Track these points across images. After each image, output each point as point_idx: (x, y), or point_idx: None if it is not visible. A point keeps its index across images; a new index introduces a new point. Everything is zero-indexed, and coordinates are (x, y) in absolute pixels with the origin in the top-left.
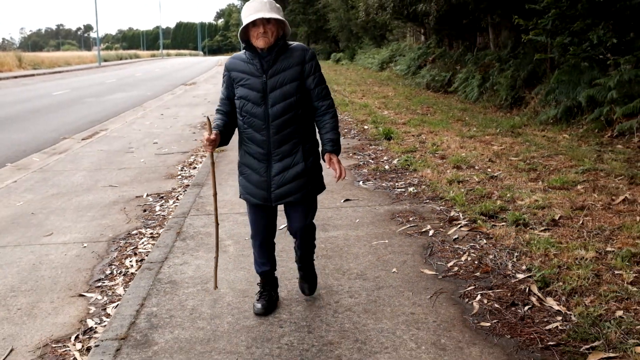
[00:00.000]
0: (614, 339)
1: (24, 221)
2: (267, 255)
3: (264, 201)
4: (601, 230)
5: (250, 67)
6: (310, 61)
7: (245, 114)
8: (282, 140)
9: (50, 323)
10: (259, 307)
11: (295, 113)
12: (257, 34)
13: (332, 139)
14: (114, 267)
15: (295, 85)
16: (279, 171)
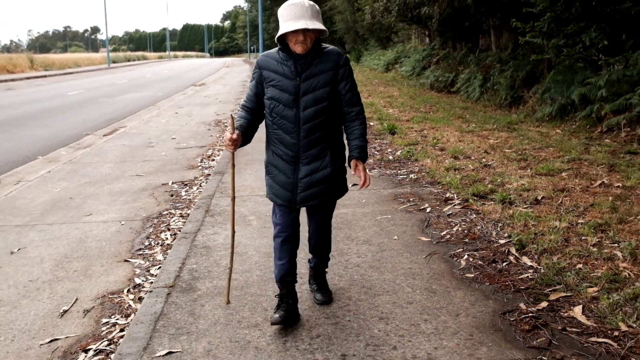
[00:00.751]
0: (571, 284)
1: (64, 204)
2: (288, 254)
3: (289, 203)
4: (576, 207)
5: (284, 69)
6: (344, 66)
7: (276, 115)
8: (311, 144)
9: (104, 281)
10: (277, 317)
11: (326, 117)
12: (296, 40)
13: (360, 145)
14: (151, 239)
15: (327, 90)
16: (307, 174)
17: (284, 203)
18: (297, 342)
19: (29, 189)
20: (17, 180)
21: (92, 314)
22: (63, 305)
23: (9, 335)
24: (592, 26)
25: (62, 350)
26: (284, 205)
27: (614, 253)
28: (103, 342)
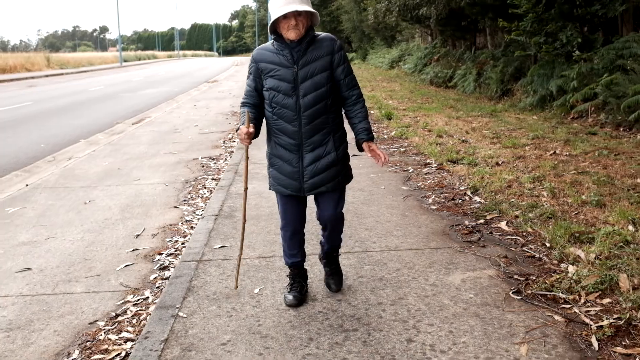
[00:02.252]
0: (504, 209)
1: (115, 173)
2: (298, 245)
3: (297, 192)
4: (526, 167)
5: (280, 58)
6: (340, 51)
7: (276, 105)
8: (314, 131)
9: (162, 219)
10: (291, 299)
11: (325, 103)
12: (288, 26)
13: (366, 127)
14: (192, 194)
15: (325, 75)
16: (311, 161)
17: (292, 193)
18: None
19: (81, 163)
20: (69, 157)
21: (158, 236)
22: (135, 232)
23: (102, 247)
24: (568, 25)
25: (143, 255)
26: (291, 195)
27: (541, 193)
28: (170, 250)
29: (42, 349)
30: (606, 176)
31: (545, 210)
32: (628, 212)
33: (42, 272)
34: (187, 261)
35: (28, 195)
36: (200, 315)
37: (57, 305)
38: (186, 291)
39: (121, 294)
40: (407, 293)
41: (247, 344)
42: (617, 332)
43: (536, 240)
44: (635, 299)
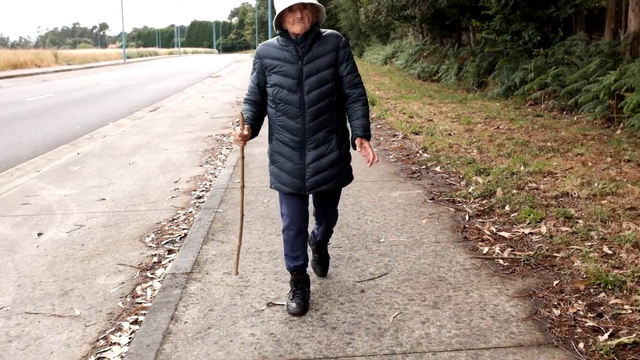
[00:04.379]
0: (442, 161)
1: (145, 146)
2: (302, 246)
3: (298, 190)
4: (472, 137)
5: (285, 54)
6: (344, 48)
7: (280, 101)
8: (317, 128)
9: (191, 173)
10: (294, 307)
11: (330, 100)
12: (294, 19)
13: (364, 124)
14: (212, 158)
15: (330, 72)
16: (314, 159)
17: (292, 191)
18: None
19: (116, 139)
20: (103, 135)
21: (191, 182)
22: (173, 179)
23: (152, 188)
24: (530, 25)
25: (182, 191)
26: (292, 193)
27: (471, 150)
28: (202, 189)
29: (130, 234)
30: (526, 141)
31: (468, 159)
32: (524, 158)
33: (114, 201)
34: (218, 188)
35: (82, 160)
36: (230, 211)
37: (131, 216)
38: (220, 201)
39: (173, 210)
40: (362, 200)
41: (261, 222)
42: (481, 213)
43: (456, 175)
44: (501, 198)
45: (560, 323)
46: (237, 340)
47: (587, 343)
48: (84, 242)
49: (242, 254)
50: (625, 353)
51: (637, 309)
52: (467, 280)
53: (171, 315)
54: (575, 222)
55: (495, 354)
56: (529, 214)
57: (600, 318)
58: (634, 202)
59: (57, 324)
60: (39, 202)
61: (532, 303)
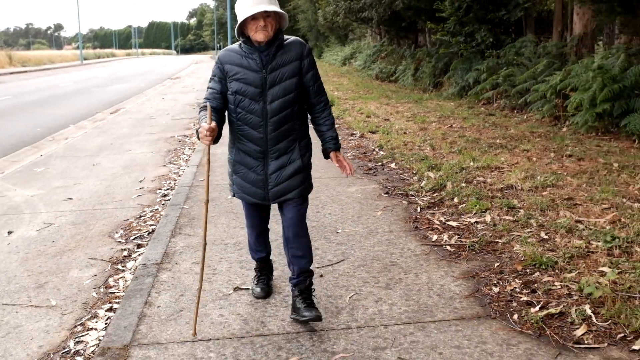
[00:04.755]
0: (397, 158)
1: (109, 146)
2: (263, 243)
3: (262, 200)
4: (425, 135)
5: (248, 62)
6: (309, 56)
7: (242, 110)
8: (280, 138)
9: (155, 172)
10: (259, 291)
11: (292, 109)
12: (257, 27)
13: (334, 136)
14: (175, 158)
15: (295, 81)
16: (276, 169)
17: (257, 201)
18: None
19: (78, 141)
20: (65, 137)
21: (156, 181)
22: (138, 179)
23: (117, 187)
24: (482, 27)
25: (148, 190)
26: (257, 203)
27: (425, 147)
28: (166, 188)
29: (99, 230)
30: (477, 138)
31: (422, 156)
32: (474, 154)
33: (80, 200)
34: (183, 186)
35: (45, 161)
36: (196, 208)
37: (99, 214)
38: (185, 198)
39: (140, 208)
40: (320, 195)
41: (225, 217)
42: (432, 205)
43: (410, 171)
44: (450, 191)
45: (498, 299)
46: (207, 320)
47: (520, 314)
48: (54, 239)
49: (209, 246)
50: (551, 321)
51: (565, 284)
52: (416, 265)
53: (145, 300)
54: (517, 211)
55: (440, 326)
56: (476, 205)
57: (534, 294)
58: (571, 193)
59: (34, 314)
60: (5, 202)
61: (475, 283)
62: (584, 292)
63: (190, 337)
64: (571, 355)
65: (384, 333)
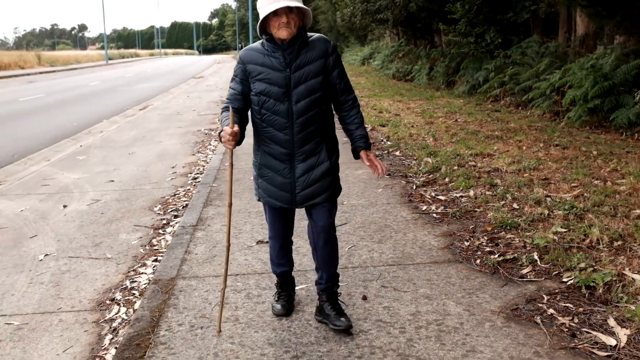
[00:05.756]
0: (402, 147)
1: (142, 139)
2: (287, 255)
3: (289, 204)
4: (431, 129)
5: (271, 61)
6: (334, 54)
7: (266, 111)
8: (306, 139)
9: (186, 160)
10: (279, 308)
11: (319, 109)
12: (279, 24)
13: (364, 134)
14: (202, 148)
15: (320, 80)
16: (304, 172)
17: (283, 205)
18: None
19: (113, 134)
20: (100, 130)
21: (186, 167)
22: (171, 165)
23: (153, 172)
24: (491, 28)
25: (180, 174)
26: (283, 207)
27: (428, 138)
28: (196, 172)
29: (140, 205)
30: (477, 131)
31: (423, 145)
32: (470, 144)
33: (121, 182)
34: (211, 169)
35: (86, 151)
36: (223, 186)
37: (138, 193)
38: (214, 178)
39: (174, 188)
40: None
41: (249, 192)
42: (426, 183)
43: (411, 157)
44: (444, 173)
45: (467, 250)
46: (235, 263)
47: (482, 260)
48: (102, 212)
49: (234, 214)
50: (505, 264)
51: (522, 239)
52: (406, 227)
53: (185, 250)
54: (497, 188)
55: (417, 267)
56: (463, 183)
57: (496, 246)
58: (548, 174)
59: (95, 264)
60: (56, 184)
61: (451, 239)
62: (534, 242)
63: (221, 271)
64: (515, 285)
65: (372, 271)
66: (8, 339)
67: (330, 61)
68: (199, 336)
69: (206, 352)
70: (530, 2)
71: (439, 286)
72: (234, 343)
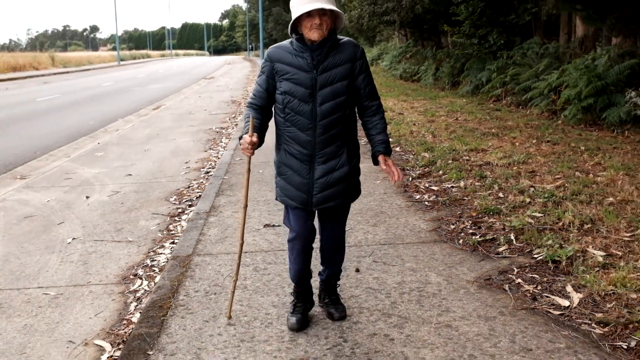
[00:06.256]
0: (401, 142)
1: (155, 137)
2: (305, 260)
3: (304, 205)
4: (432, 127)
5: (299, 61)
6: (361, 58)
7: (290, 111)
8: (328, 141)
9: (198, 156)
10: (294, 322)
11: (343, 113)
12: (312, 25)
13: (385, 140)
14: (214, 145)
15: (346, 84)
16: (323, 174)
17: (298, 205)
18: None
19: (128, 132)
20: (116, 129)
21: (199, 162)
22: (184, 161)
23: (167, 166)
24: (495, 30)
25: (193, 169)
26: (298, 208)
27: (427, 135)
28: (208, 167)
29: (157, 196)
30: (475, 128)
31: (422, 141)
32: (466, 140)
33: (138, 175)
34: (223, 164)
35: (103, 147)
36: (234, 178)
37: (155, 185)
38: (225, 171)
39: (188, 181)
40: None
41: (257, 184)
42: (422, 176)
43: (410, 152)
44: (439, 166)
45: (452, 232)
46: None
47: (464, 240)
48: (122, 202)
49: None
50: (485, 243)
51: (503, 223)
52: (399, 213)
53: (199, 232)
54: (486, 179)
55: (406, 246)
56: (455, 175)
57: (479, 229)
58: (536, 167)
59: (118, 246)
60: (78, 177)
61: (438, 223)
62: (512, 225)
63: (232, 249)
64: (491, 260)
65: (366, 249)
66: (47, 306)
67: (357, 66)
68: (212, 300)
69: (219, 311)
70: (532, 5)
71: (423, 261)
72: (242, 305)
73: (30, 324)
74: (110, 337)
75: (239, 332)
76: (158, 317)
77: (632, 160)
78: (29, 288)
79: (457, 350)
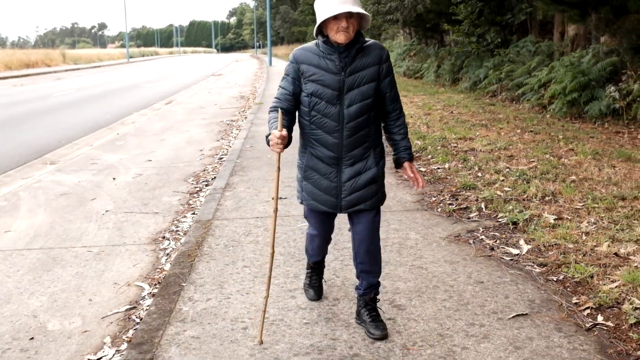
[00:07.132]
0: None
1: (170, 128)
2: (325, 249)
3: (333, 209)
4: (428, 119)
5: (327, 63)
6: (387, 61)
7: (317, 113)
8: (355, 144)
9: (211, 145)
10: (312, 294)
11: (369, 115)
12: (338, 27)
13: (408, 146)
14: (226, 136)
15: (372, 86)
16: (351, 176)
17: (328, 210)
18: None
19: (144, 124)
20: (133, 121)
21: (212, 150)
22: (198, 149)
23: (183, 154)
24: (492, 29)
25: (207, 155)
26: (325, 211)
27: (422, 126)
28: (221, 154)
29: (176, 178)
30: (466, 120)
31: (416, 131)
32: (457, 130)
33: (158, 161)
34: (235, 150)
35: (122, 138)
36: (245, 162)
37: (173, 169)
38: (238, 156)
39: (203, 166)
40: None
41: (267, 166)
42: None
43: None
44: (429, 151)
45: (432, 202)
46: (255, 211)
47: (442, 209)
48: (146, 182)
49: (255, 180)
50: (459, 211)
51: (477, 195)
52: (389, 190)
53: (217, 203)
54: (469, 162)
55: (392, 213)
56: (441, 158)
57: (456, 200)
58: (515, 153)
59: (146, 217)
60: (103, 163)
61: (422, 196)
62: (483, 196)
63: (246, 215)
64: (462, 223)
65: None
66: (92, 260)
67: (383, 68)
68: (231, 251)
69: (236, 258)
70: (527, 5)
71: (405, 224)
72: (255, 254)
73: (81, 272)
74: (147, 280)
75: (253, 272)
76: (187, 262)
77: (601, 147)
78: (75, 247)
79: (424, 282)
